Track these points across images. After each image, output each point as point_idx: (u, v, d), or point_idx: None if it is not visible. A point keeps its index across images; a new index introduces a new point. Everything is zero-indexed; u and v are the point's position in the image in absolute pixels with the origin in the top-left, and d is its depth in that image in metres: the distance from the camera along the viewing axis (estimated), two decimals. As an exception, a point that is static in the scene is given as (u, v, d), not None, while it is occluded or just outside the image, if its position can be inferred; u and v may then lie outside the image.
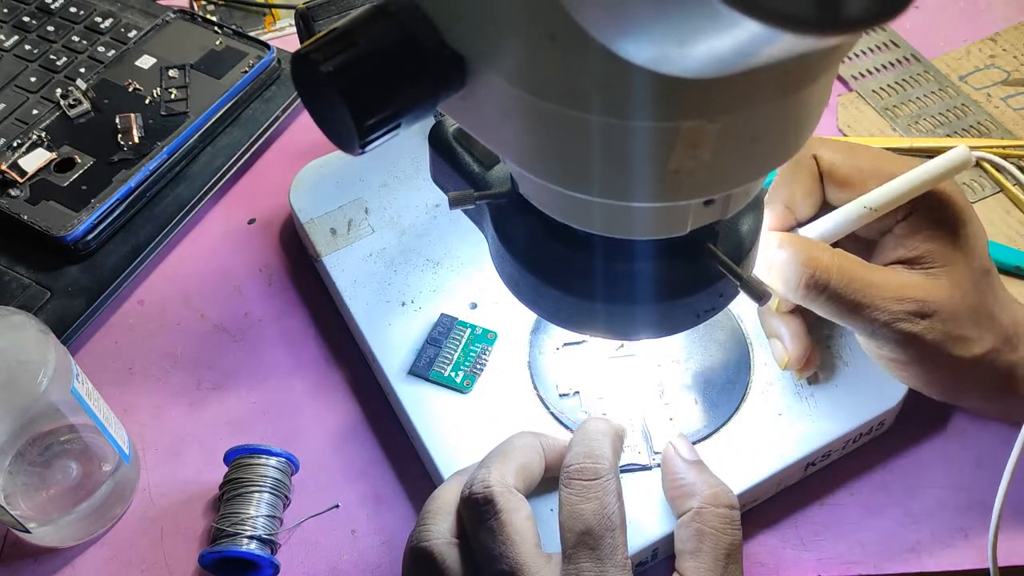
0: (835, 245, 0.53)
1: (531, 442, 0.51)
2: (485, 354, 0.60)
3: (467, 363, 0.60)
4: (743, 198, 0.41)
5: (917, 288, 0.50)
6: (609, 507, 0.47)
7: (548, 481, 0.52)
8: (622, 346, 0.59)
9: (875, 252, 0.53)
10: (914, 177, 0.50)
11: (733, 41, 0.24)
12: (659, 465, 0.55)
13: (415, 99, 0.35)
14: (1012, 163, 0.74)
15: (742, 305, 0.60)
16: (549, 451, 0.52)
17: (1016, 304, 0.54)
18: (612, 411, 0.57)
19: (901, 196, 0.50)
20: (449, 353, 0.60)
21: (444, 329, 0.61)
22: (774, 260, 0.51)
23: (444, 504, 0.50)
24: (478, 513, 0.47)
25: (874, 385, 0.58)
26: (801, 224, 0.54)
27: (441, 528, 0.49)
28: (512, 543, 0.46)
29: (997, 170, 0.74)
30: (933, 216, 0.51)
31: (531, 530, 0.47)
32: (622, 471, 0.55)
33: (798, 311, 0.56)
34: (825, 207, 0.54)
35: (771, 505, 0.58)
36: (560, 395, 0.58)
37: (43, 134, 0.74)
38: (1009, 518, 0.55)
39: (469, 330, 0.61)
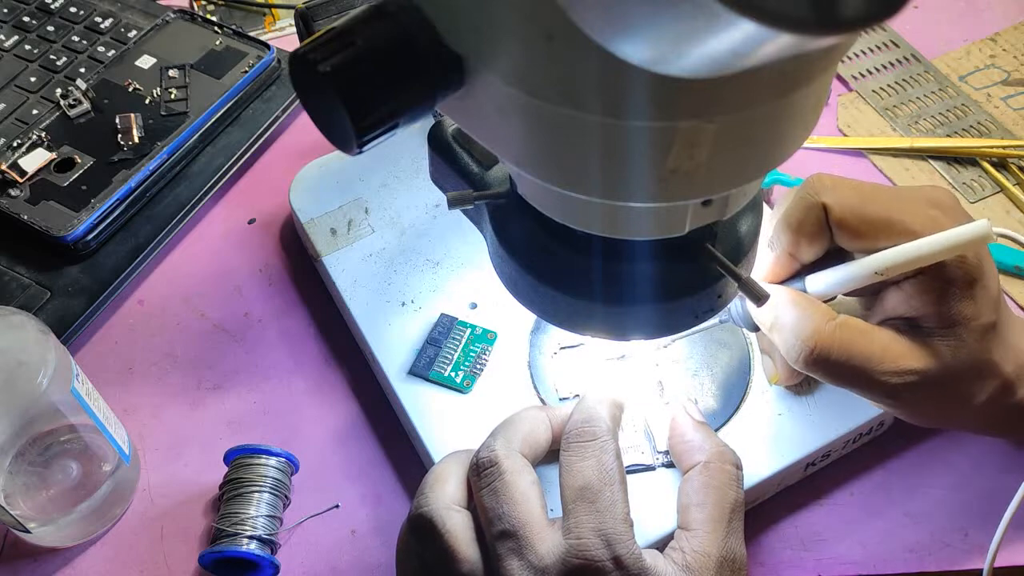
0: None
1: (537, 414, 0.52)
2: (485, 354, 0.60)
3: (467, 363, 0.60)
4: (741, 198, 0.41)
5: (916, 359, 0.48)
6: (607, 464, 0.47)
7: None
8: (623, 356, 0.59)
9: (879, 302, 0.52)
10: (928, 246, 0.47)
11: (730, 41, 0.24)
12: (663, 465, 0.55)
13: (413, 99, 0.35)
14: (1012, 163, 0.74)
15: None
16: (555, 421, 0.52)
17: (1022, 337, 0.52)
18: (652, 414, 0.57)
19: (912, 262, 0.48)
20: (449, 353, 0.60)
21: (444, 329, 0.61)
22: (779, 321, 0.50)
23: (441, 474, 0.50)
24: (483, 476, 0.48)
25: (874, 385, 0.58)
26: (805, 266, 0.52)
27: (439, 495, 0.49)
28: (515, 503, 0.46)
29: (997, 170, 0.74)
30: (941, 279, 0.48)
31: (535, 493, 0.47)
32: (627, 472, 0.55)
33: None
34: (832, 245, 0.52)
35: (771, 505, 0.58)
36: (560, 398, 0.58)
37: (43, 134, 0.74)
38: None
39: (469, 330, 0.61)
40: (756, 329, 0.53)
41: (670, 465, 0.55)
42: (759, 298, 0.43)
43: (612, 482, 0.46)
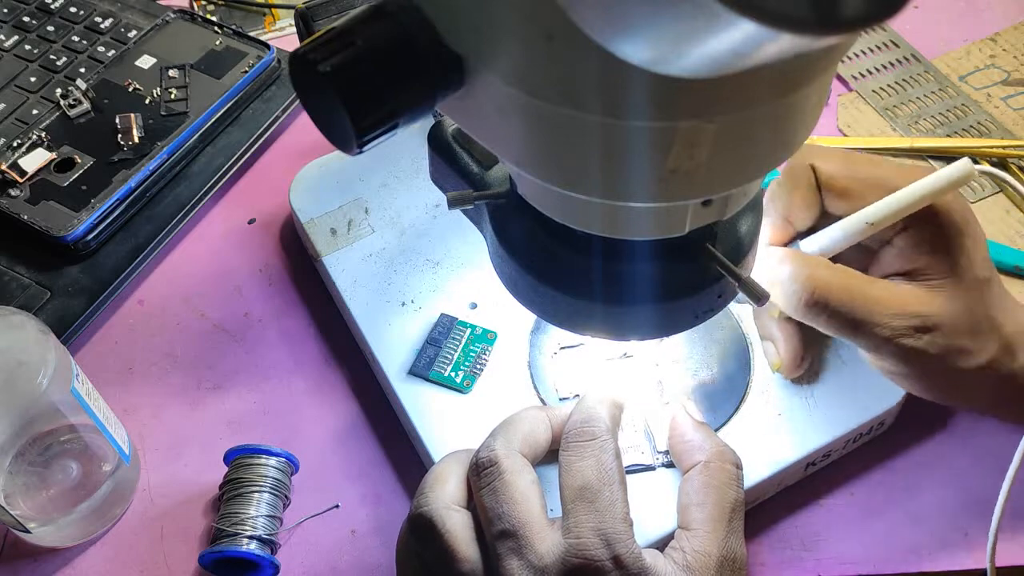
0: (837, 256, 0.53)
1: (537, 414, 0.52)
2: (485, 354, 0.60)
3: (467, 363, 0.60)
4: (741, 198, 0.41)
5: (918, 303, 0.50)
6: (606, 464, 0.47)
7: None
8: (625, 353, 0.59)
9: (875, 263, 0.53)
10: (914, 191, 0.49)
11: (730, 41, 0.24)
12: (663, 465, 0.55)
13: (413, 99, 0.35)
14: (1012, 163, 0.74)
15: (741, 305, 0.60)
16: (555, 421, 0.52)
17: (1020, 308, 0.54)
18: (652, 414, 0.57)
19: (901, 211, 0.49)
20: (449, 353, 0.60)
21: (444, 329, 0.61)
22: (775, 276, 0.51)
23: (440, 474, 0.50)
24: (483, 476, 0.48)
25: (874, 385, 0.58)
26: (801, 235, 0.54)
27: (439, 494, 0.49)
28: (514, 502, 0.46)
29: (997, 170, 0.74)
30: (931, 228, 0.50)
31: (535, 493, 0.47)
32: (627, 472, 0.55)
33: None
34: (825, 216, 0.54)
35: (771, 505, 0.58)
36: (560, 398, 0.58)
37: (43, 134, 0.74)
38: (1008, 518, 0.55)
39: (469, 330, 0.61)
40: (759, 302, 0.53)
41: (670, 465, 0.55)
42: (760, 298, 0.43)
43: (611, 482, 0.46)
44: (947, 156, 0.75)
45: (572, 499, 0.46)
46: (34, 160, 0.72)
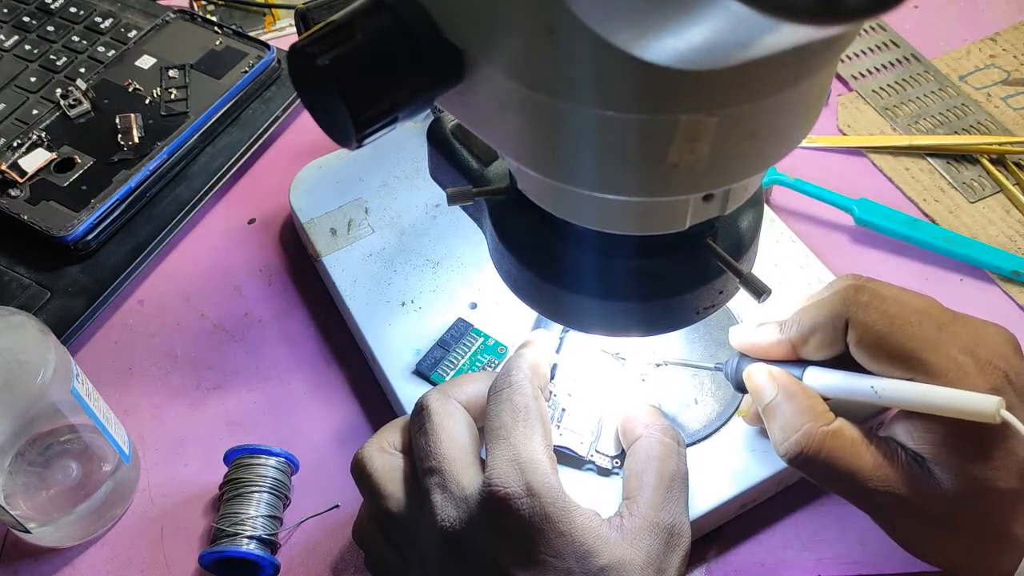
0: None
1: (481, 374, 0.54)
2: (491, 366, 0.60)
3: (471, 371, 0.59)
4: (742, 193, 0.41)
5: (908, 488, 0.46)
6: (519, 404, 0.49)
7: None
8: (618, 354, 0.59)
9: (889, 423, 0.49)
10: (930, 396, 0.44)
11: (732, 32, 0.24)
12: (591, 465, 0.55)
13: (412, 93, 0.35)
14: (1010, 159, 0.74)
15: (742, 304, 0.59)
16: None
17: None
18: (613, 414, 0.57)
19: (911, 405, 0.46)
20: (456, 358, 0.60)
21: (457, 333, 0.61)
22: (772, 408, 0.49)
23: (386, 426, 0.53)
24: (415, 420, 0.50)
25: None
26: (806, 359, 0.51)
27: (375, 440, 0.52)
28: (440, 440, 0.48)
29: (995, 166, 0.74)
30: (954, 423, 0.45)
31: (465, 434, 0.49)
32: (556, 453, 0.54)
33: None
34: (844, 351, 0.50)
35: (771, 505, 0.58)
36: (561, 409, 0.57)
37: (43, 134, 0.74)
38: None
39: (481, 339, 0.61)
40: (743, 391, 0.53)
41: (602, 472, 0.55)
42: (760, 293, 0.43)
43: (526, 419, 0.48)
44: (946, 154, 0.75)
45: (491, 440, 0.48)
46: (34, 160, 0.72)
